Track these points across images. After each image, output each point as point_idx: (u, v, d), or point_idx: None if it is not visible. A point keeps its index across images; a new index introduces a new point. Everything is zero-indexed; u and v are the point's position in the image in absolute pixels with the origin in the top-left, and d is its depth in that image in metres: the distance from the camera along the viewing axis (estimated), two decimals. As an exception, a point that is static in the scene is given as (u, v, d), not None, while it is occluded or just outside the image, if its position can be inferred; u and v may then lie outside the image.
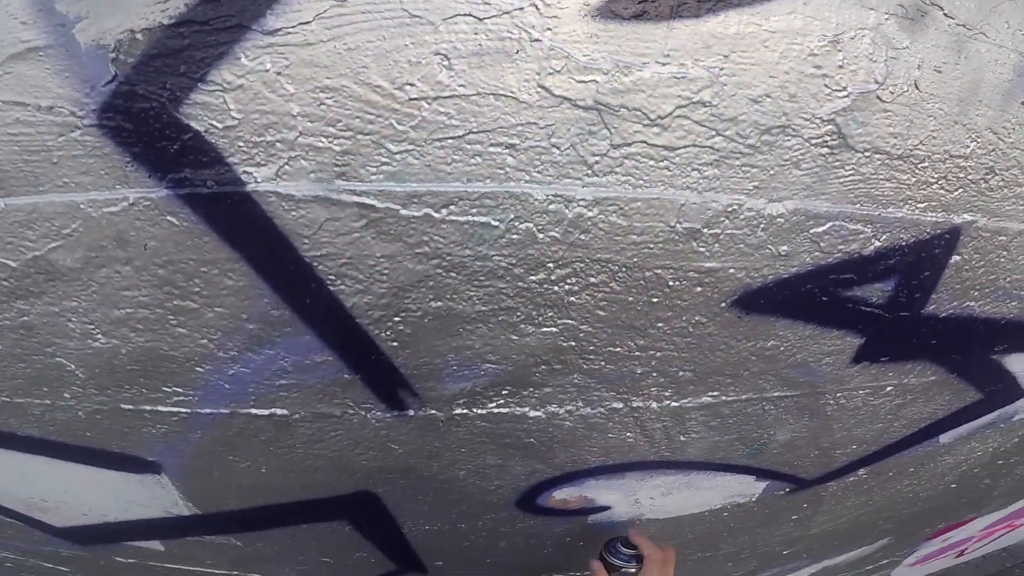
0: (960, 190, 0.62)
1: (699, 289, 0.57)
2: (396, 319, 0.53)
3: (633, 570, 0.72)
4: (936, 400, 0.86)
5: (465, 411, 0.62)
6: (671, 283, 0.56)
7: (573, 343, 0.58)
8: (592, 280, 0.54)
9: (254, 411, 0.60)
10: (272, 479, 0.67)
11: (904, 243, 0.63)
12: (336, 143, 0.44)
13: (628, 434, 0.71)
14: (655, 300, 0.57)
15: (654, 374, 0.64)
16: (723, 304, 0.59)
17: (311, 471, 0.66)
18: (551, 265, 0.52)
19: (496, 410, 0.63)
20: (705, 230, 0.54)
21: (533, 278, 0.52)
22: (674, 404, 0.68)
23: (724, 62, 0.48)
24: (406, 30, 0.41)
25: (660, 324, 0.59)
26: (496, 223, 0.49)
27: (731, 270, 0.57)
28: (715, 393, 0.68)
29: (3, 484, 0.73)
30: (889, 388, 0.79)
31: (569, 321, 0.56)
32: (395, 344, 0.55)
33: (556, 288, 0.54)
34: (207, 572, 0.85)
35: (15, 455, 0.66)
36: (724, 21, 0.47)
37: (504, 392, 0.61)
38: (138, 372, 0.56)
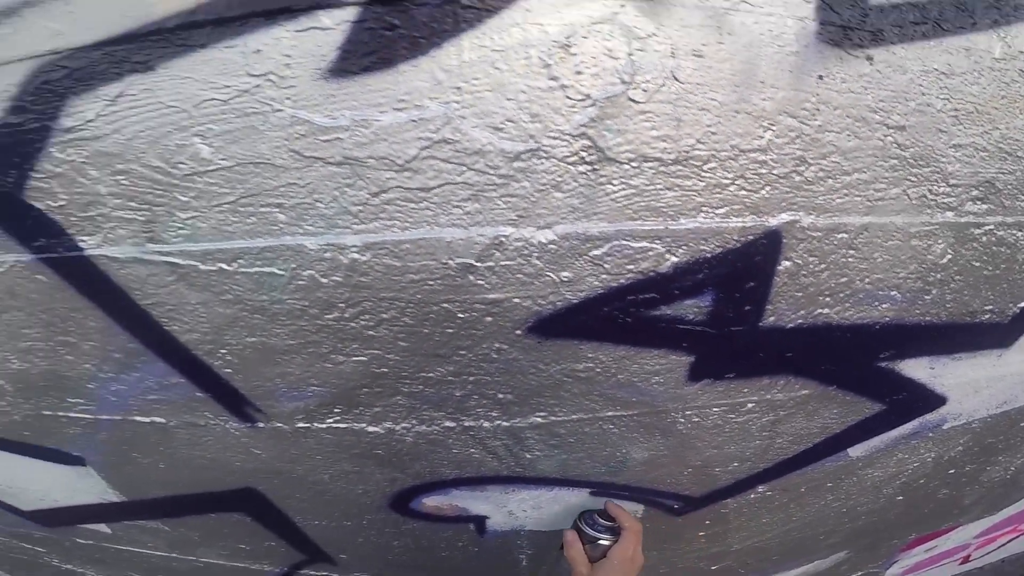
0: (767, 188, 0.56)
1: (489, 319, 0.62)
2: (223, 351, 0.64)
3: (607, 542, 0.75)
4: (821, 414, 0.84)
5: (307, 425, 0.71)
6: (460, 315, 0.62)
7: (386, 369, 0.66)
8: (384, 316, 0.61)
9: (138, 419, 0.72)
10: (172, 474, 0.80)
11: (709, 255, 0.59)
12: (139, 214, 0.55)
13: (472, 450, 0.77)
14: (450, 331, 0.63)
15: (475, 396, 0.70)
16: (518, 332, 0.63)
17: (199, 469, 0.78)
18: (342, 305, 0.60)
19: (335, 425, 0.72)
20: (479, 264, 0.57)
21: (329, 316, 0.61)
22: (505, 424, 0.74)
23: (458, 95, 0.49)
24: (167, 119, 0.50)
25: (463, 352, 0.65)
26: (280, 272, 0.58)
27: (515, 300, 0.61)
28: (543, 413, 0.73)
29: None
30: (750, 405, 0.78)
31: (375, 351, 0.64)
32: (229, 371, 0.65)
33: (353, 324, 0.62)
34: (151, 554, 1.01)
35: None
36: (449, 52, 0.47)
37: (337, 410, 0.70)
38: (48, 387, 0.71)
